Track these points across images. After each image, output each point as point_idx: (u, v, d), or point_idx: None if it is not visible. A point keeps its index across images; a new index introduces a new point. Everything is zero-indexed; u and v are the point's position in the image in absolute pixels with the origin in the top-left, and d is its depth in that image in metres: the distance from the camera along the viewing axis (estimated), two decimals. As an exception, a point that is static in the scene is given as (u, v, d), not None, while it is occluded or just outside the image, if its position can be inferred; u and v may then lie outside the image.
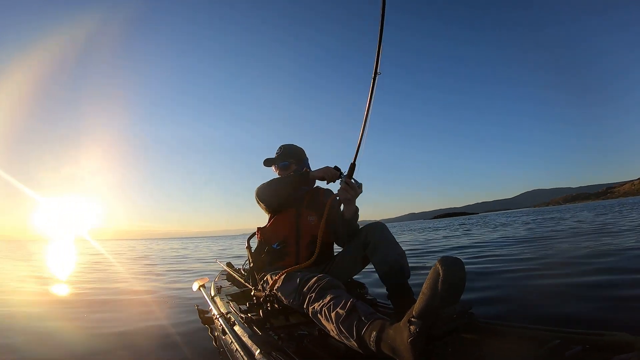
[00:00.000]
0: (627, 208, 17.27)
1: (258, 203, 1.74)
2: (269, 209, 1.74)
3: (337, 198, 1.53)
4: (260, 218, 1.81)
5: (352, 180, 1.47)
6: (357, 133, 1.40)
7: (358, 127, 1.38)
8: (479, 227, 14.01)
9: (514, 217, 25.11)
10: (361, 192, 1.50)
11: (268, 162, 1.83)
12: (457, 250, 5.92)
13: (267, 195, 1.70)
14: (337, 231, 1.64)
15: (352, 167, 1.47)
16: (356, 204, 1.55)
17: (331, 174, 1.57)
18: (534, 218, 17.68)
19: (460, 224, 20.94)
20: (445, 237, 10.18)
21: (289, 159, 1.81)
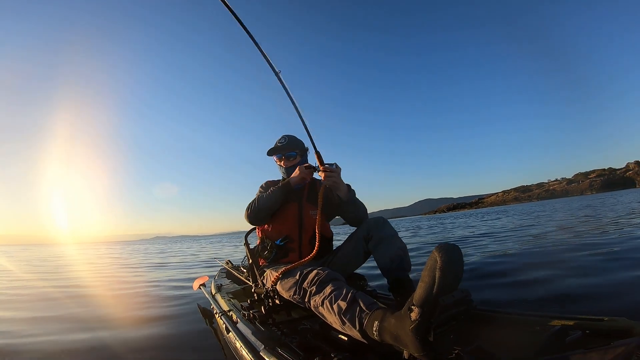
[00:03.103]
0: (501, 215, 19.36)
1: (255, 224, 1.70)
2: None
3: (327, 186, 1.54)
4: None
5: (327, 165, 1.50)
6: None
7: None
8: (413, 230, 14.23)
9: (420, 222, 25.79)
10: (340, 169, 1.53)
11: (273, 152, 1.76)
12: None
13: (261, 217, 1.64)
14: (345, 213, 1.66)
15: (318, 154, 1.52)
16: (344, 182, 1.58)
17: (307, 172, 1.59)
18: (435, 223, 19.21)
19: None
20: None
21: (295, 149, 1.76)
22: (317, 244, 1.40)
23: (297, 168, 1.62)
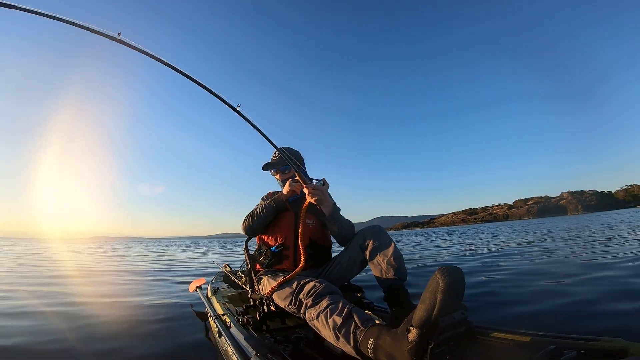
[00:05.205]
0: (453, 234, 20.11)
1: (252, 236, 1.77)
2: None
3: (314, 202, 1.51)
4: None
5: (314, 180, 1.50)
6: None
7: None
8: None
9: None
10: (328, 185, 1.53)
11: (267, 166, 1.79)
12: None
13: (255, 228, 1.69)
14: (330, 230, 1.65)
15: (299, 172, 1.46)
16: (331, 199, 1.56)
17: (295, 185, 1.61)
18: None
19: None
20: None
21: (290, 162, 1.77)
22: (302, 255, 1.38)
23: (287, 182, 1.67)
